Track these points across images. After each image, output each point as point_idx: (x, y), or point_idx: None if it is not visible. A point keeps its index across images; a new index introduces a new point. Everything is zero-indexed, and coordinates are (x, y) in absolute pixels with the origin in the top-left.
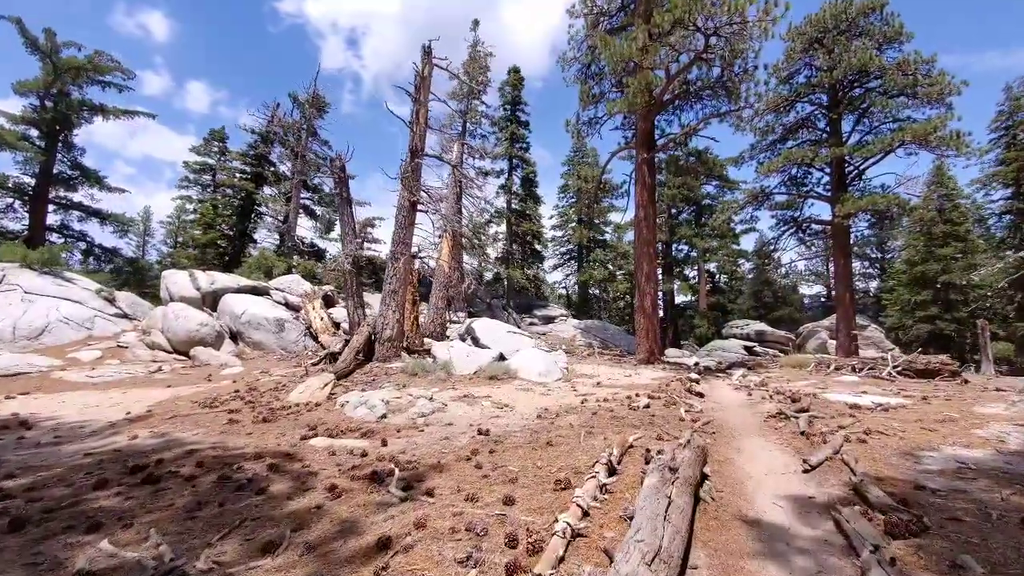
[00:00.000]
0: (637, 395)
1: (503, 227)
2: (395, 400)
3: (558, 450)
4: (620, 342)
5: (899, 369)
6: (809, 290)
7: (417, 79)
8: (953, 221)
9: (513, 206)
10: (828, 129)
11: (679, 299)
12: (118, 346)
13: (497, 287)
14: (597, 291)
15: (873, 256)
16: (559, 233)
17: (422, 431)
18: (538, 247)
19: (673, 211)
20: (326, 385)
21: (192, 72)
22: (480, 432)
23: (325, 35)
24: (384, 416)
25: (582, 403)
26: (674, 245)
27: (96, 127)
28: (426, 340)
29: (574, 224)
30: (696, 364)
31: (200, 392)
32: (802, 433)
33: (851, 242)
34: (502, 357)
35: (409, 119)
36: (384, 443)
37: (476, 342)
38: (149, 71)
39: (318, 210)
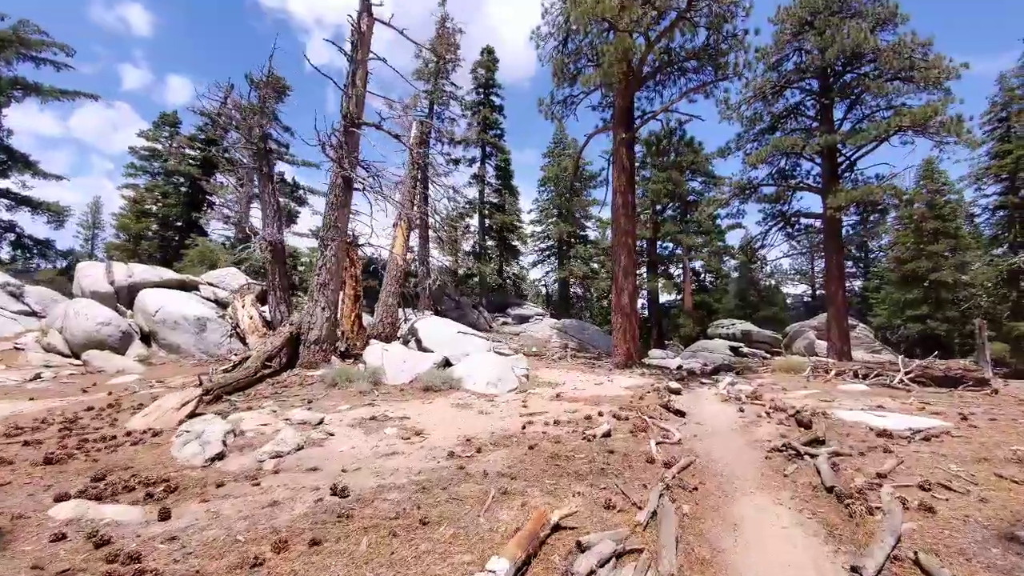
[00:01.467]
0: (600, 414)
1: (476, 220)
2: (256, 429)
3: (434, 537)
4: (599, 343)
5: (912, 376)
6: (794, 289)
7: (353, 34)
8: (944, 217)
9: (486, 197)
10: (819, 117)
11: (663, 298)
12: (14, 348)
13: (472, 284)
14: (580, 290)
15: (857, 255)
16: (539, 228)
17: (256, 484)
18: (515, 242)
19: (658, 207)
20: (184, 404)
21: (173, 66)
22: (335, 492)
23: (310, 31)
24: (219, 457)
25: (523, 428)
26: (659, 242)
27: (77, 120)
28: (372, 342)
29: (554, 219)
30: (679, 367)
31: (54, 408)
32: (829, 489)
33: (843, 237)
34: (447, 363)
35: (344, 81)
36: (165, 515)
37: (420, 345)
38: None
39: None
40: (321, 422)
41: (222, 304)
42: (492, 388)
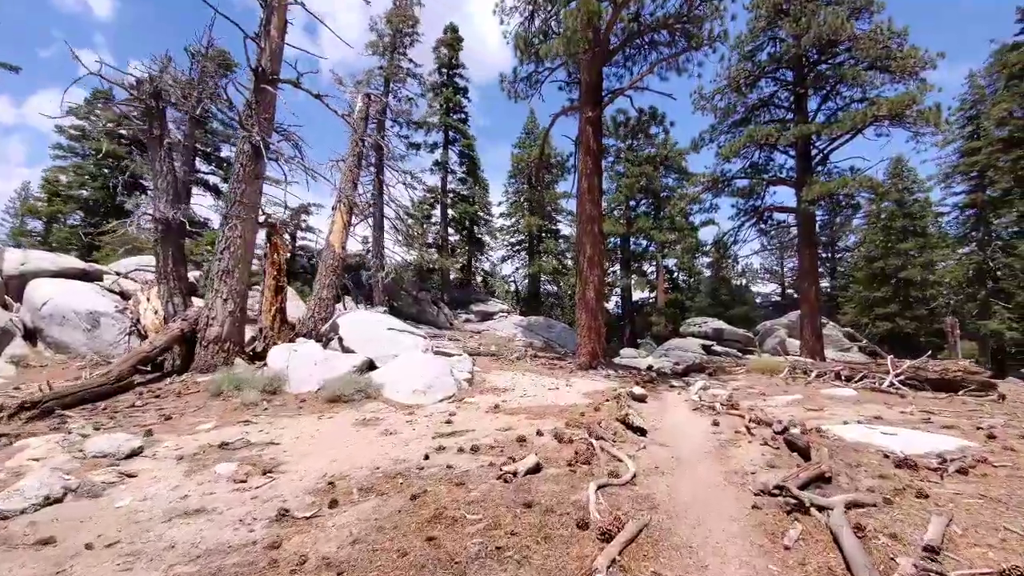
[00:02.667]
0: (540, 433)
1: (438, 210)
2: (13, 467)
3: None
4: (567, 342)
5: (903, 378)
6: (764, 288)
7: None
8: (912, 215)
9: (449, 185)
10: (793, 107)
11: (637, 296)
12: None
13: (435, 279)
14: (553, 287)
15: (824, 255)
16: (509, 222)
17: None
18: (484, 236)
19: (631, 203)
20: None
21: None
22: None
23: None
24: None
25: (426, 458)
26: (632, 239)
27: (31, 107)
28: (301, 341)
29: (524, 212)
30: (649, 368)
31: None
32: None
33: (816, 232)
34: (372, 365)
35: (256, 29)
36: None
37: (342, 344)
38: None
39: (222, 186)
40: (134, 454)
41: (128, 297)
42: (419, 397)
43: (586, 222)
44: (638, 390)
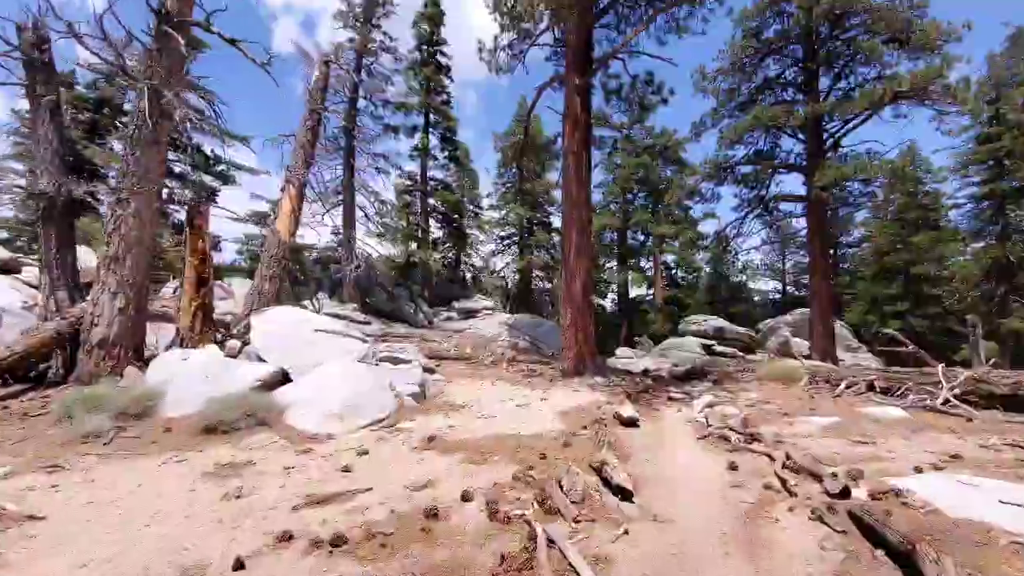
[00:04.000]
0: (466, 498)
1: (418, 200)
2: None
3: None
4: (555, 342)
5: (958, 392)
6: (764, 285)
7: None
8: (926, 207)
9: (430, 172)
10: (803, 87)
11: (633, 292)
12: None
13: (415, 274)
14: (546, 283)
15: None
16: (498, 215)
17: None
18: (472, 229)
19: (628, 196)
20: None
21: None
22: None
23: (276, 16)
24: None
25: (242, 567)
26: (629, 232)
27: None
28: (230, 344)
29: (514, 203)
30: (645, 372)
31: None
32: None
33: (828, 222)
34: (285, 378)
35: None
36: None
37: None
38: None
39: (192, 175)
40: None
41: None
42: (331, 424)
43: (572, 206)
44: (628, 410)
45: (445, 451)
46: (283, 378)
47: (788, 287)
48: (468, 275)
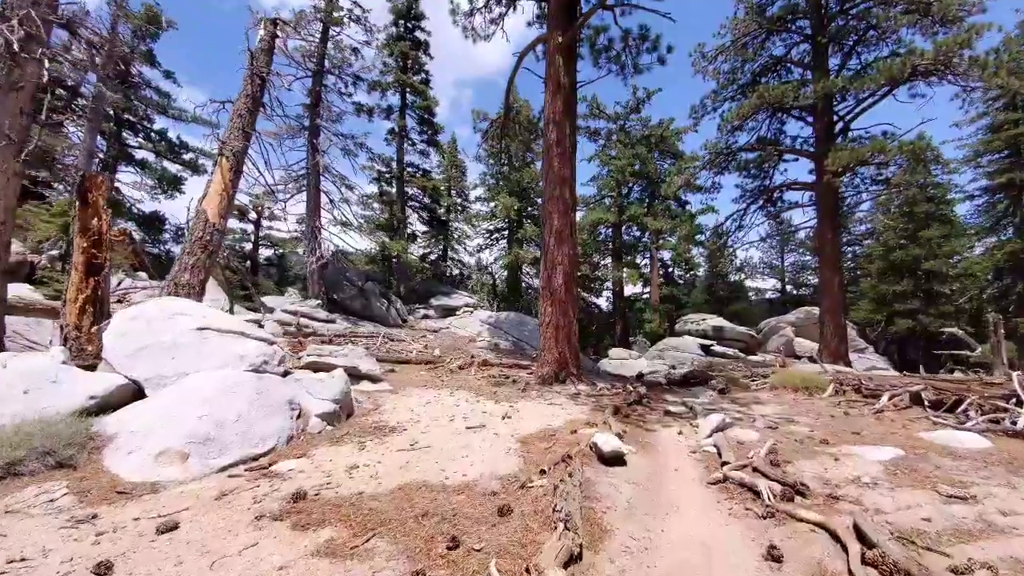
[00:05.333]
0: None
1: (394, 187)
2: None
3: None
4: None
5: None
6: (762, 284)
7: None
8: (936, 199)
9: (407, 158)
10: (811, 64)
11: (628, 290)
12: None
13: (384, 267)
14: (536, 280)
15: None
16: (486, 208)
17: None
18: (458, 222)
19: (623, 189)
20: None
21: None
22: None
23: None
24: None
25: None
26: (623, 227)
27: None
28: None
29: (502, 193)
30: (640, 377)
31: None
32: None
33: (839, 212)
34: (139, 393)
35: None
36: None
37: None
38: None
39: (150, 159)
40: None
41: None
42: (172, 465)
43: (553, 183)
44: (610, 441)
45: (306, 524)
46: (135, 394)
47: (788, 286)
48: (456, 271)
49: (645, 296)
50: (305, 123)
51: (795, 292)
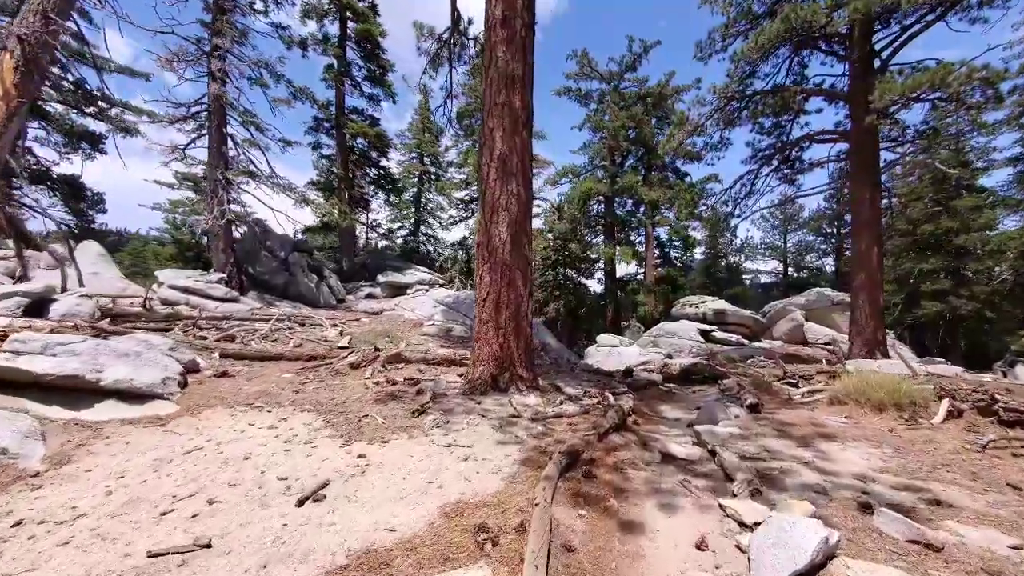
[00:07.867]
0: None
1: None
2: None
3: None
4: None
5: None
6: (764, 265)
7: None
8: (970, 164)
9: (350, 102)
10: None
11: (621, 270)
12: None
13: (339, 238)
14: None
15: (829, 230)
16: (460, 175)
17: None
18: (431, 192)
19: (616, 157)
20: None
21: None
22: None
23: None
24: None
25: None
26: (616, 200)
27: None
28: None
29: (475, 154)
30: (628, 373)
31: None
32: None
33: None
34: None
35: None
36: None
37: None
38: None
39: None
40: None
41: None
42: None
43: (496, 85)
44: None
45: None
46: None
47: (790, 268)
48: (430, 248)
49: (640, 276)
50: (205, 46)
51: (796, 275)
